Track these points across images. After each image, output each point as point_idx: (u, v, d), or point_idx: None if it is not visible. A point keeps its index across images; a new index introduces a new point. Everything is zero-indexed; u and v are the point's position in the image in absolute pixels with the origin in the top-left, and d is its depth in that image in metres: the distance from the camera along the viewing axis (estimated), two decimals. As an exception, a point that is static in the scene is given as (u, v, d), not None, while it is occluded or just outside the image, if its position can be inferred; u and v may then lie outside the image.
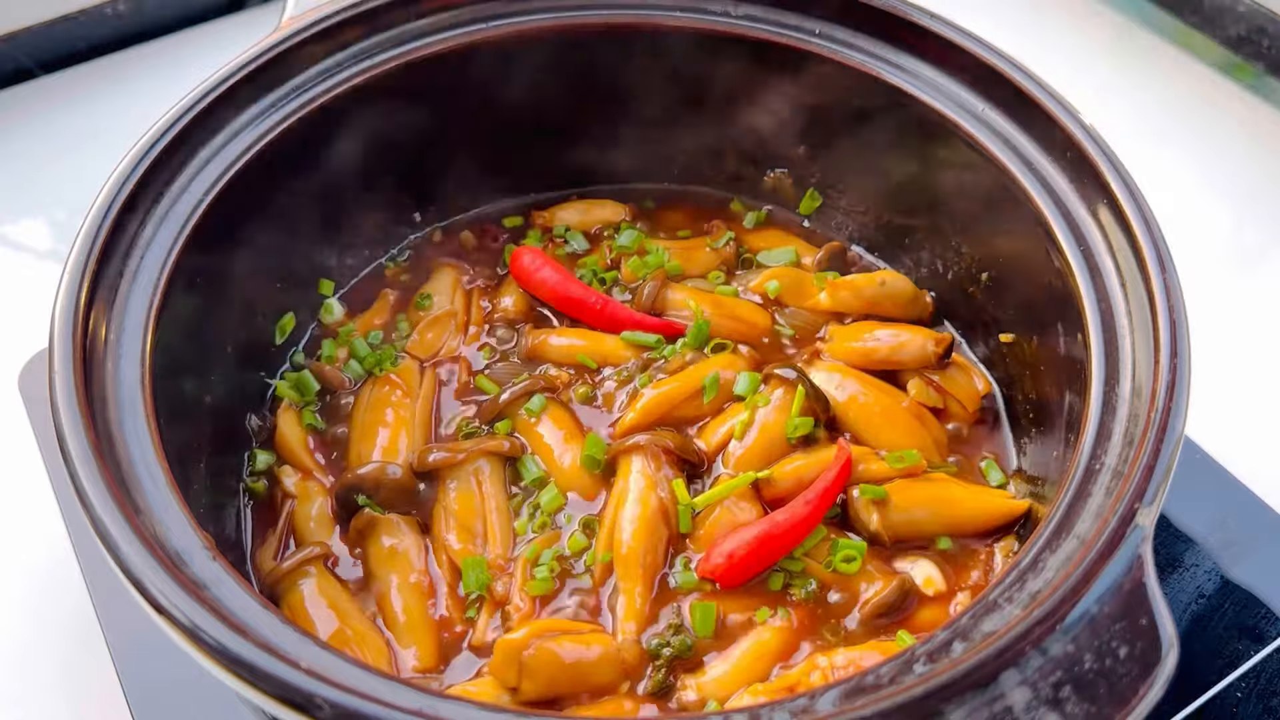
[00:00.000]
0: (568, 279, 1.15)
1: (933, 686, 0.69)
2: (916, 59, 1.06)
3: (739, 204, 1.28)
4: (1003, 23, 1.28)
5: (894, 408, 1.05)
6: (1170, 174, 1.49)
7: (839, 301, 1.13)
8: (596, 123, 1.22)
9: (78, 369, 0.82)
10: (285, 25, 1.03)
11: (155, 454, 0.81)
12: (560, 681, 0.87)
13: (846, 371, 1.06)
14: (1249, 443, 1.19)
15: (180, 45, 1.65)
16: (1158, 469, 0.78)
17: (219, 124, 0.99)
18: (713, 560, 0.94)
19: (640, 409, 1.04)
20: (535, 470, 1.02)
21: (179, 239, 0.93)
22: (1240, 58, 1.63)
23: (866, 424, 1.04)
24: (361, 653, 0.90)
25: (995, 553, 0.99)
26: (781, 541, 0.95)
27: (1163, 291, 0.87)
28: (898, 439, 1.03)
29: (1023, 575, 0.77)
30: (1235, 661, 1.01)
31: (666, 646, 0.90)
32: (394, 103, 1.09)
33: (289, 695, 0.68)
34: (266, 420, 1.07)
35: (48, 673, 1.05)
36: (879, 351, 1.09)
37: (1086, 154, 0.94)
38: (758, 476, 0.99)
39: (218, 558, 0.76)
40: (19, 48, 1.58)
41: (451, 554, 0.97)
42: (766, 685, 0.88)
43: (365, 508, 0.98)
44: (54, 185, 1.48)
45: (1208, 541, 1.09)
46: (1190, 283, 0.89)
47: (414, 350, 1.12)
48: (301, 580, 0.94)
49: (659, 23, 1.12)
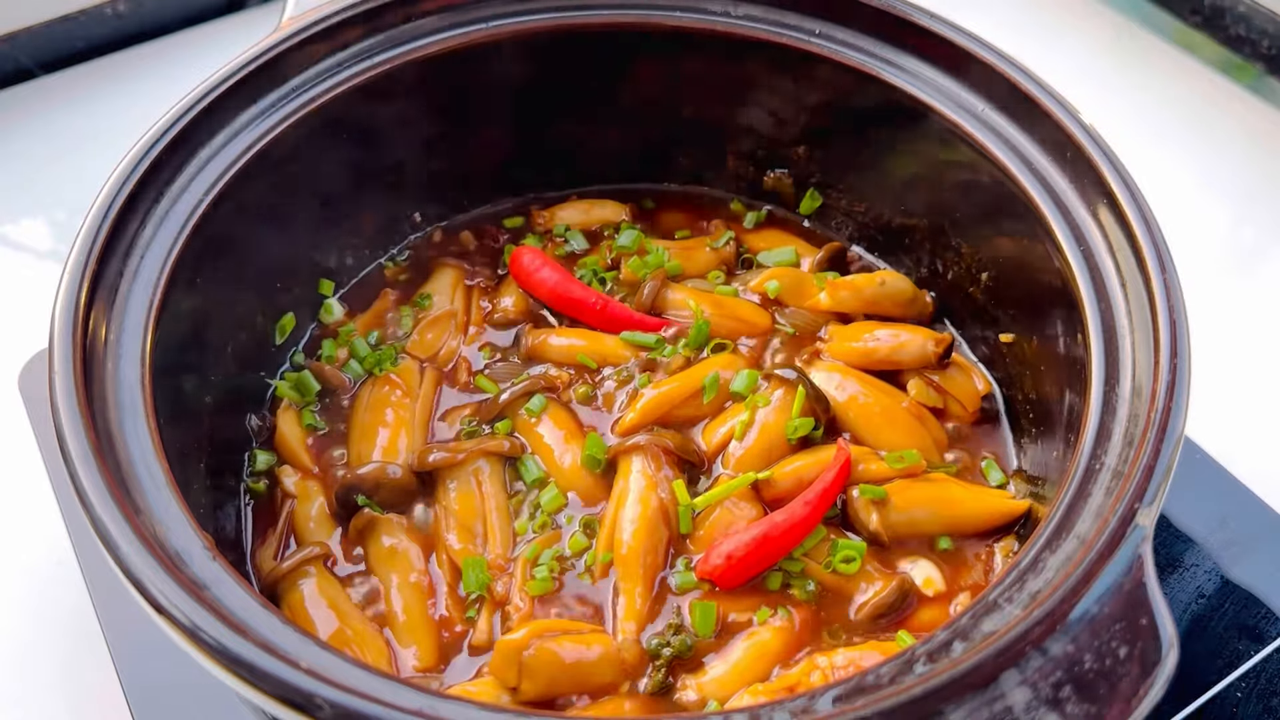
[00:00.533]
0: (567, 279, 1.15)
1: (933, 686, 0.69)
2: (916, 59, 1.06)
3: (739, 204, 1.28)
4: (1003, 23, 1.28)
5: (894, 408, 1.05)
6: (1170, 174, 1.49)
7: (839, 301, 1.13)
8: (596, 123, 1.22)
9: (78, 369, 0.82)
10: (285, 25, 1.03)
11: (155, 454, 0.81)
12: (560, 682, 0.87)
13: (846, 371, 1.06)
14: (1249, 443, 1.19)
15: (180, 45, 1.65)
16: (1158, 469, 0.78)
17: (219, 124, 0.99)
18: (711, 561, 0.94)
19: (640, 409, 1.04)
20: (535, 470, 1.02)
21: (179, 239, 0.93)
22: (1240, 58, 1.63)
23: (866, 424, 1.04)
24: (362, 653, 0.90)
25: (995, 553, 0.99)
26: (780, 542, 0.95)
27: (1163, 291, 0.87)
28: (898, 439, 1.03)
29: (1023, 575, 0.77)
30: (1235, 661, 1.01)
31: (666, 646, 0.91)
32: (394, 103, 1.09)
33: (289, 695, 0.68)
34: (266, 420, 1.07)
35: (48, 673, 1.05)
36: (879, 351, 1.09)
37: (1086, 154, 0.94)
38: (758, 477, 0.99)
39: (217, 558, 0.76)
40: (19, 48, 1.58)
41: (451, 554, 0.97)
42: (766, 685, 0.88)
43: (365, 508, 0.98)
44: (54, 185, 1.48)
45: (1208, 541, 1.09)
46: (1190, 282, 0.89)
47: (414, 350, 1.12)
48: (301, 580, 0.94)
49: (659, 23, 1.12)
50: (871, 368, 1.08)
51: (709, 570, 0.94)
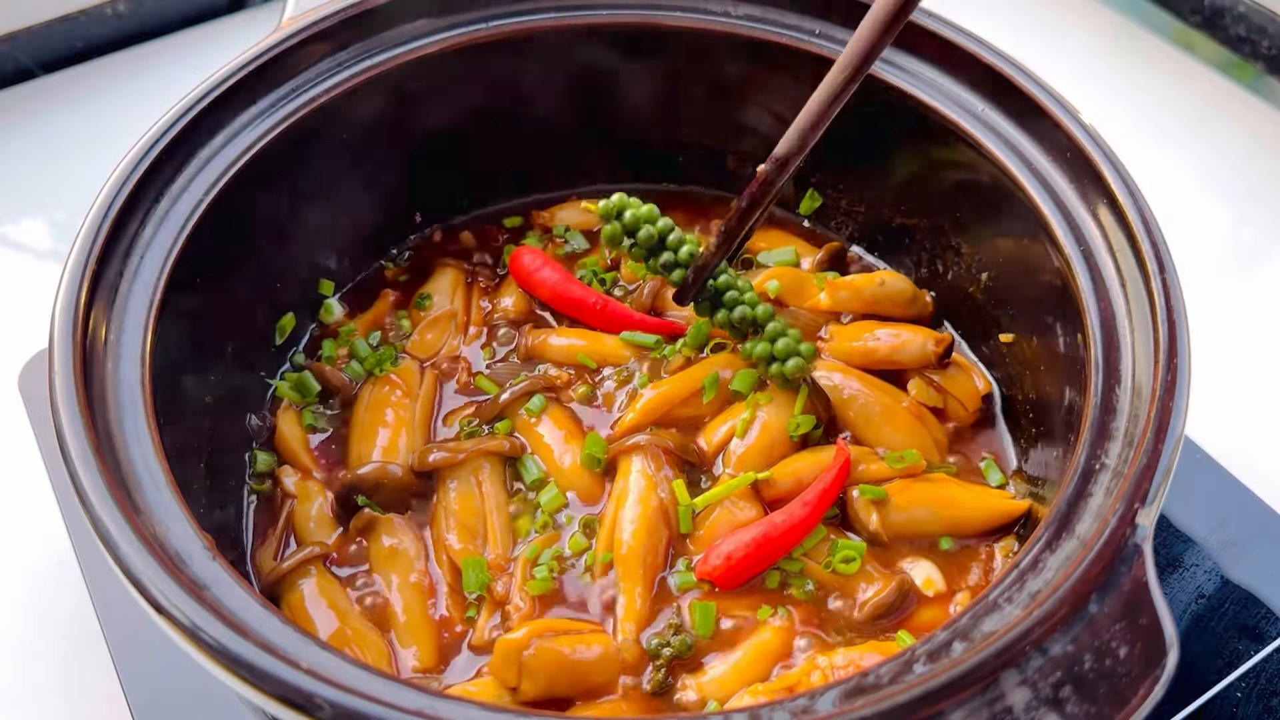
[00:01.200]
0: (567, 279, 1.15)
1: (933, 686, 0.69)
2: (916, 59, 1.06)
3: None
4: (1003, 23, 1.28)
5: (894, 407, 1.05)
6: (1170, 174, 1.49)
7: (838, 301, 1.13)
8: (596, 122, 1.22)
9: (78, 369, 0.82)
10: (285, 25, 1.04)
11: (155, 454, 0.81)
12: (560, 682, 0.87)
13: (847, 371, 1.06)
14: (1249, 443, 1.19)
15: (180, 45, 1.65)
16: (1158, 469, 0.78)
17: (219, 124, 0.99)
18: (710, 562, 0.94)
19: (640, 409, 1.04)
20: (535, 470, 1.02)
21: (179, 239, 0.93)
22: (1240, 58, 1.63)
23: (866, 423, 1.04)
24: (361, 653, 0.90)
25: (995, 553, 0.99)
26: (779, 543, 0.95)
27: (1162, 291, 0.87)
28: (897, 438, 1.03)
29: (1023, 575, 0.77)
30: (1235, 661, 1.01)
31: (666, 646, 0.91)
32: (394, 103, 1.09)
33: (289, 695, 0.68)
34: (266, 420, 1.07)
35: (48, 673, 1.05)
36: (879, 351, 1.09)
37: (1086, 154, 0.94)
38: (758, 477, 0.99)
39: (217, 558, 0.76)
40: (19, 48, 1.58)
41: (451, 554, 0.97)
42: (767, 685, 0.88)
43: (365, 508, 0.98)
44: (54, 185, 1.48)
45: (1208, 541, 1.09)
46: (1190, 282, 0.89)
47: (414, 350, 1.12)
48: (301, 580, 0.94)
49: (659, 22, 1.12)
50: (872, 367, 1.08)
51: (709, 571, 0.94)
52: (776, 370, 1.00)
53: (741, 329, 1.04)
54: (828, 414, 1.03)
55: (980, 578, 0.98)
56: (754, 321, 1.02)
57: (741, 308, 1.02)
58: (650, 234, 1.03)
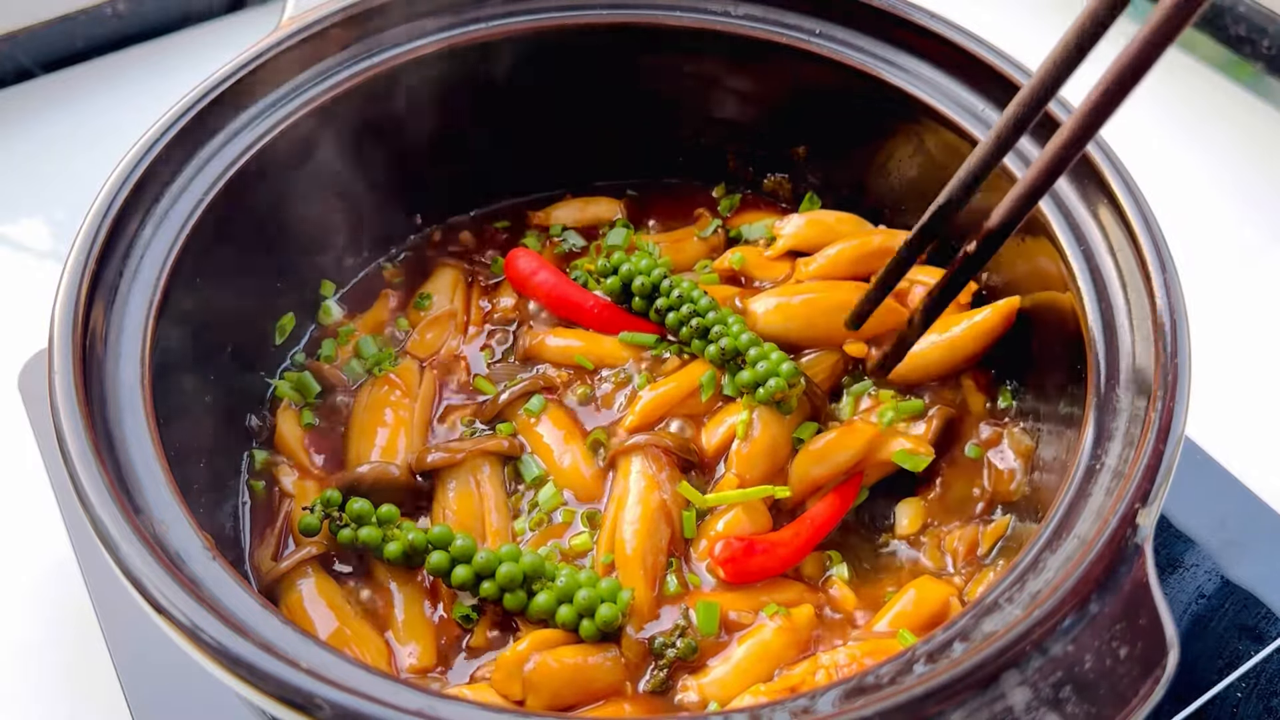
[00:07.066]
0: (564, 282, 1.14)
1: (933, 686, 0.69)
2: (916, 59, 1.06)
3: (720, 190, 1.28)
4: (1003, 23, 1.28)
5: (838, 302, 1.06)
6: (1170, 174, 1.49)
7: (796, 241, 1.15)
8: (595, 123, 1.22)
9: (78, 369, 0.82)
10: (285, 25, 1.03)
11: (155, 454, 0.81)
12: (565, 693, 0.87)
13: (788, 291, 1.10)
14: (1249, 443, 1.19)
15: (180, 45, 1.65)
16: (1158, 469, 0.78)
17: (219, 124, 0.99)
18: (719, 553, 0.95)
19: (639, 411, 1.04)
20: (535, 470, 1.02)
21: (179, 239, 0.93)
22: (1240, 57, 1.63)
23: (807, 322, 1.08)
24: (361, 653, 0.90)
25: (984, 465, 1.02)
26: (785, 559, 0.96)
27: (1163, 291, 0.87)
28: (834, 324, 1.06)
29: (1023, 575, 0.77)
30: (1235, 661, 1.01)
31: (671, 648, 0.90)
32: (393, 103, 1.09)
33: (289, 695, 0.68)
34: (266, 420, 1.07)
35: (48, 673, 1.05)
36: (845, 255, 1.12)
37: (1086, 154, 0.94)
38: (776, 494, 0.99)
39: (217, 557, 0.76)
40: (19, 48, 1.58)
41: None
42: (768, 686, 0.88)
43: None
44: (54, 185, 1.48)
45: (1208, 541, 1.09)
46: (1190, 282, 0.89)
47: (414, 350, 1.12)
48: (300, 580, 0.94)
49: (659, 22, 1.12)
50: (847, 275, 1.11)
51: (721, 557, 0.94)
52: (764, 395, 1.00)
53: (724, 360, 1.04)
54: (824, 405, 1.05)
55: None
56: (736, 351, 1.03)
57: (726, 339, 1.03)
58: (645, 285, 1.09)
